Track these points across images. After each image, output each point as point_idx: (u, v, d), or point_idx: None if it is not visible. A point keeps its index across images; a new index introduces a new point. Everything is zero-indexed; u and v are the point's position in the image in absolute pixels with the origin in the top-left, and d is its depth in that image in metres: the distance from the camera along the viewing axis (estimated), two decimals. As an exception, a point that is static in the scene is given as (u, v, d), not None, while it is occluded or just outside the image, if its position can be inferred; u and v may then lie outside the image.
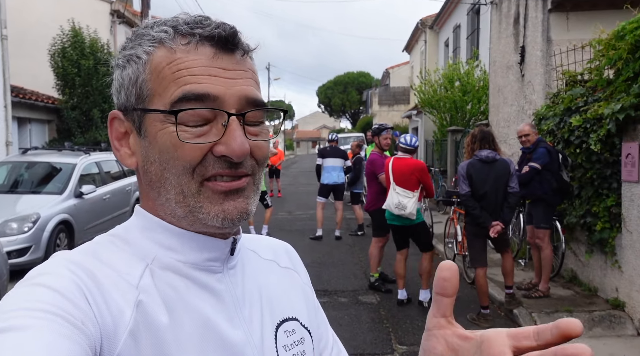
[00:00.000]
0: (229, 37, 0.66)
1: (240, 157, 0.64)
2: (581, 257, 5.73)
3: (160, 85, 0.65)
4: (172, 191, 0.66)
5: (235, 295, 0.71)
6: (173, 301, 0.64)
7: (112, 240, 0.68)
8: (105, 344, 0.57)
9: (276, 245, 0.88)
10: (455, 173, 11.34)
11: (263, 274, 0.79)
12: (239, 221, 0.67)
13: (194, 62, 0.65)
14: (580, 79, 6.08)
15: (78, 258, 0.63)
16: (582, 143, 5.39)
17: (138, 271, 0.64)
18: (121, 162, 0.72)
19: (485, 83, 12.11)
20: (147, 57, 0.66)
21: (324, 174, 8.97)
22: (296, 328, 0.77)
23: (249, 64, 0.70)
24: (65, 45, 12.32)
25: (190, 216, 0.66)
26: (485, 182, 4.82)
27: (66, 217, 6.84)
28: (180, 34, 0.66)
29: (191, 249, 0.68)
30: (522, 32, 7.71)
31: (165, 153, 0.65)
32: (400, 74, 31.89)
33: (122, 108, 0.69)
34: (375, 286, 6.02)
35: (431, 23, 21.33)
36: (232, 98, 0.65)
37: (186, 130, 0.64)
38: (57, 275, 0.58)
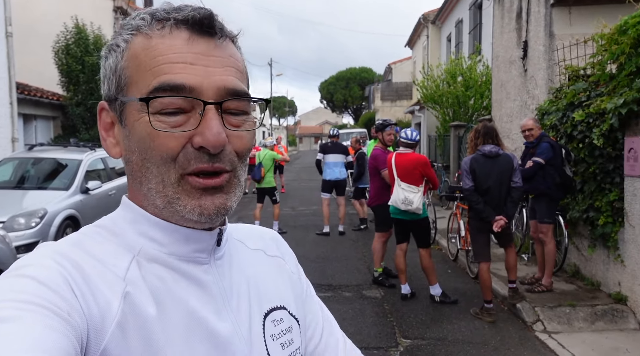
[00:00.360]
0: (204, 20, 0.65)
1: (216, 147, 0.63)
2: (584, 251, 5.76)
3: (137, 73, 0.64)
4: (153, 180, 0.65)
5: (223, 286, 0.71)
6: (160, 293, 0.64)
7: (99, 231, 0.68)
8: (92, 335, 0.56)
9: (263, 234, 0.88)
10: (458, 169, 11.37)
11: (250, 264, 0.79)
12: (217, 217, 0.66)
13: (170, 48, 0.64)
14: (583, 74, 6.09)
15: (64, 249, 0.62)
16: (585, 138, 5.41)
17: (125, 263, 0.64)
18: (107, 152, 0.71)
19: (487, 78, 12.09)
20: (125, 45, 0.66)
21: (326, 170, 9.02)
22: (284, 317, 0.77)
23: (230, 50, 0.68)
24: (69, 42, 12.37)
25: (169, 207, 0.65)
26: (488, 176, 4.84)
27: (73, 213, 6.90)
28: (156, 20, 0.66)
29: (177, 241, 0.68)
30: (525, 27, 7.71)
31: (143, 143, 0.64)
32: (402, 70, 31.82)
33: (106, 99, 0.69)
34: (379, 281, 6.06)
35: (433, 18, 21.27)
36: (209, 89, 0.63)
37: (162, 119, 0.63)
38: (43, 266, 0.58)
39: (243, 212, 11.71)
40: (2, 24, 9.71)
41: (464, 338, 4.52)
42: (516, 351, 4.27)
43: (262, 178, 8.77)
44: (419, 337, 4.56)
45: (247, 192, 15.90)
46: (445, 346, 4.36)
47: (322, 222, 9.32)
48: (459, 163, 11.60)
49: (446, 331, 4.68)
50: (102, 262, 0.62)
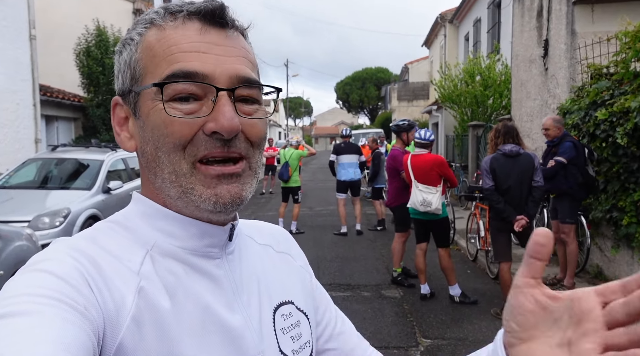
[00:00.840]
0: (215, 10, 0.66)
1: (229, 132, 0.63)
2: (607, 252, 5.67)
3: (152, 63, 0.66)
4: (166, 170, 0.65)
5: (234, 280, 0.72)
6: (174, 287, 0.65)
7: (112, 227, 0.69)
8: (108, 330, 0.57)
9: (272, 230, 0.89)
10: (477, 169, 11.27)
11: (260, 259, 0.80)
12: (232, 206, 0.66)
13: (183, 37, 0.65)
14: (606, 72, 6.00)
15: (80, 244, 0.63)
16: (608, 137, 5.33)
17: (139, 258, 0.65)
18: (122, 146, 0.72)
19: (506, 77, 11.98)
20: (139, 38, 0.68)
21: (340, 171, 9.01)
22: (292, 312, 0.78)
23: (241, 42, 0.70)
24: (90, 44, 12.59)
25: (184, 197, 0.66)
26: (509, 176, 4.80)
27: (95, 212, 7.02)
28: (169, 12, 0.67)
29: (190, 236, 0.68)
30: (546, 25, 7.62)
31: (157, 131, 0.65)
32: (419, 69, 31.66)
33: (120, 93, 0.70)
34: (398, 280, 6.05)
35: (451, 17, 21.12)
36: (222, 76, 0.64)
37: (175, 106, 0.64)
38: (60, 261, 0.59)
39: (260, 212, 11.78)
40: (26, 27, 9.92)
41: (485, 339, 4.49)
42: (538, 353, 4.22)
43: (289, 178, 8.86)
44: (440, 337, 4.54)
45: (263, 192, 15.98)
46: (466, 346, 4.34)
47: (339, 222, 9.34)
48: (478, 163, 11.51)
49: (467, 332, 4.66)
50: (116, 257, 0.63)
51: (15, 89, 9.57)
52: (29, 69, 10.00)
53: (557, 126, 5.36)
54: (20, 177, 7.82)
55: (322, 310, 0.88)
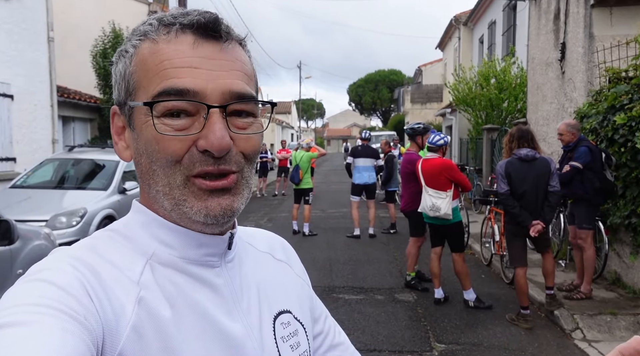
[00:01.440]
0: (208, 24, 0.65)
1: (220, 151, 0.63)
2: (625, 258, 5.59)
3: (145, 78, 0.65)
4: (160, 183, 0.66)
5: (234, 288, 0.72)
6: (174, 297, 0.65)
7: (112, 236, 0.69)
8: (108, 339, 0.57)
9: (271, 238, 0.90)
10: (491, 172, 11.18)
11: (259, 266, 0.80)
12: (223, 218, 0.66)
13: (175, 52, 0.64)
14: (625, 76, 5.92)
15: (79, 253, 0.63)
16: (627, 142, 5.26)
17: (139, 267, 0.65)
18: (119, 155, 0.72)
19: (522, 80, 11.88)
20: (134, 51, 0.67)
21: (355, 174, 8.99)
22: (290, 321, 0.78)
23: (237, 54, 0.69)
24: (106, 46, 12.74)
25: (177, 209, 0.66)
26: (524, 180, 4.76)
27: (111, 212, 7.09)
28: (163, 25, 0.66)
29: (189, 246, 0.69)
30: (563, 28, 7.55)
31: (149, 146, 0.65)
32: (432, 72, 31.53)
33: (117, 104, 0.71)
34: (411, 284, 6.02)
35: (465, 20, 21.01)
36: (214, 93, 0.64)
37: (167, 123, 0.64)
38: (59, 271, 0.59)
39: (273, 214, 11.80)
40: (44, 29, 10.07)
41: (500, 344, 4.45)
42: (555, 359, 4.18)
43: (300, 181, 8.89)
44: (454, 342, 4.51)
45: (276, 193, 16.02)
46: (481, 351, 4.30)
47: (352, 224, 9.32)
48: (492, 167, 11.42)
49: (481, 337, 4.62)
50: (116, 267, 0.63)
51: (34, 90, 9.72)
52: (47, 70, 10.14)
53: (571, 131, 5.29)
54: (38, 177, 7.93)
55: (322, 320, 0.89)
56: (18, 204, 6.74)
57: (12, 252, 3.98)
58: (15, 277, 3.92)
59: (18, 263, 4.03)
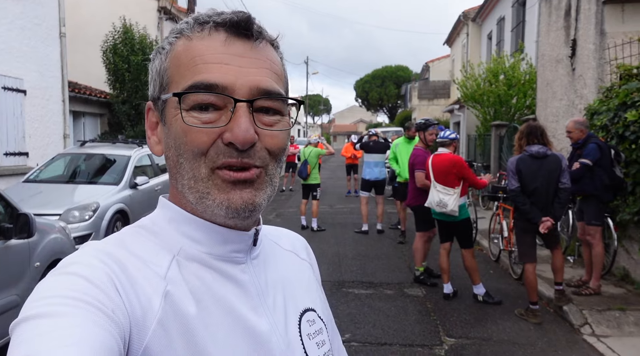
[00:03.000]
0: (240, 22, 0.67)
1: (244, 144, 0.64)
2: (634, 254, 5.60)
3: (178, 73, 0.67)
4: (186, 176, 0.67)
5: (259, 285, 0.73)
6: (200, 292, 0.66)
7: (139, 232, 0.70)
8: (135, 333, 0.58)
9: (294, 238, 0.91)
10: (499, 169, 11.17)
11: (284, 264, 0.81)
12: (244, 212, 0.67)
13: (207, 48, 0.66)
14: (636, 73, 5.92)
15: (108, 248, 0.65)
16: (638, 139, 5.27)
17: (165, 262, 0.66)
18: (151, 150, 0.74)
19: (531, 76, 11.83)
20: (170, 47, 0.70)
21: (365, 169, 9.03)
22: (315, 319, 0.79)
23: (267, 53, 0.70)
24: (116, 42, 12.82)
25: (201, 202, 0.67)
26: (535, 177, 4.78)
27: (122, 207, 7.17)
28: (198, 23, 0.69)
29: (215, 241, 0.70)
30: (574, 25, 7.53)
31: (178, 139, 0.66)
32: (440, 68, 31.42)
33: (151, 99, 0.73)
34: (420, 279, 6.06)
35: (474, 16, 20.91)
36: (242, 88, 0.65)
37: (195, 115, 0.65)
38: (89, 265, 0.60)
39: (281, 209, 11.87)
40: (57, 25, 10.14)
41: (510, 339, 4.49)
42: (564, 354, 4.21)
43: (308, 176, 8.95)
44: (464, 336, 4.56)
45: (284, 189, 16.07)
46: (491, 346, 4.35)
47: (359, 220, 9.36)
48: (500, 163, 11.41)
49: (491, 331, 4.66)
50: (143, 261, 0.65)
51: (46, 85, 9.81)
52: (59, 65, 10.22)
53: (580, 128, 5.31)
54: (50, 171, 8.02)
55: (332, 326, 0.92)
56: (31, 198, 6.83)
57: (30, 245, 4.05)
58: (33, 270, 4.00)
59: (36, 256, 4.10)
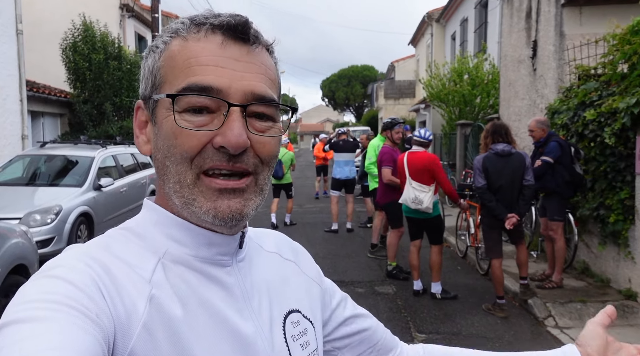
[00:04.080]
0: (237, 26, 0.66)
1: (236, 148, 0.63)
2: (594, 248, 5.83)
3: (172, 73, 0.66)
4: (172, 180, 0.66)
5: (245, 287, 0.72)
6: (186, 295, 0.65)
7: (125, 234, 0.69)
8: (119, 338, 0.57)
9: (278, 238, 0.90)
10: (465, 167, 11.42)
11: (268, 266, 0.81)
12: (231, 221, 0.66)
13: (203, 50, 0.65)
14: (594, 73, 6.15)
15: (93, 251, 0.64)
16: (597, 137, 5.48)
17: (151, 266, 0.65)
18: (138, 149, 0.73)
19: (494, 76, 12.15)
20: (164, 46, 0.69)
21: (336, 168, 9.08)
22: (300, 320, 0.79)
23: (262, 58, 0.69)
24: (76, 40, 12.43)
25: (186, 208, 0.66)
26: (500, 175, 4.91)
27: (86, 209, 6.97)
28: (194, 24, 0.68)
29: (201, 244, 0.69)
30: (535, 27, 7.76)
31: (167, 141, 0.65)
32: (405, 68, 31.84)
33: (142, 98, 0.72)
34: (393, 274, 6.16)
35: (438, 16, 21.31)
36: (236, 92, 0.65)
37: (187, 118, 0.64)
38: (73, 268, 0.59)
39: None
40: (13, 22, 9.76)
41: (478, 333, 4.60)
42: (530, 346, 4.34)
43: (283, 175, 8.99)
44: (434, 332, 4.64)
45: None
46: (460, 340, 4.44)
47: (329, 219, 9.41)
48: (465, 162, 11.66)
49: (460, 326, 4.76)
50: (128, 265, 0.64)
51: (2, 84, 9.42)
52: (16, 64, 9.84)
53: (541, 127, 5.48)
54: (8, 173, 7.72)
55: (343, 306, 0.95)
56: (-11, 202, 6.56)
57: (-11, 250, 3.89)
58: (-7, 276, 3.84)
59: (-5, 261, 3.94)
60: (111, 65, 12.45)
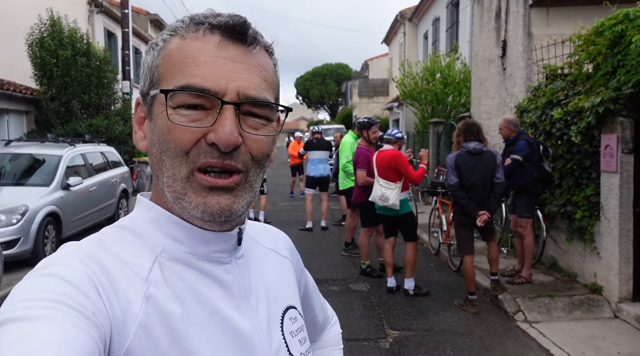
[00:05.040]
0: (236, 26, 0.67)
1: (226, 145, 0.64)
2: (561, 244, 5.98)
3: (169, 72, 0.67)
4: (166, 173, 0.67)
5: (243, 285, 0.73)
6: (183, 293, 0.65)
7: (120, 232, 0.69)
8: (116, 336, 0.57)
9: (276, 235, 0.91)
10: (437, 165, 11.56)
11: (265, 262, 0.81)
12: (220, 217, 0.66)
13: (201, 50, 0.66)
14: (561, 73, 6.31)
15: (89, 249, 0.64)
16: (563, 135, 5.62)
17: (147, 264, 0.65)
18: (136, 145, 0.74)
19: (465, 75, 12.33)
20: (163, 44, 0.69)
21: (310, 166, 9.09)
22: (297, 316, 0.80)
23: (260, 59, 0.70)
24: (43, 35, 12.06)
25: (177, 202, 0.66)
26: (472, 173, 4.99)
27: (54, 209, 6.78)
28: (194, 23, 0.68)
29: (198, 242, 0.69)
30: (504, 27, 7.91)
31: (162, 136, 0.66)
32: (379, 66, 32.05)
33: (141, 94, 0.73)
34: (367, 272, 6.20)
35: (410, 15, 21.50)
36: (231, 91, 0.65)
37: (181, 113, 0.65)
38: (69, 266, 0.59)
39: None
40: (-25, 16, 9.41)
41: (450, 329, 4.67)
42: (500, 340, 4.44)
43: None
44: (407, 328, 4.69)
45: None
46: (432, 336, 4.50)
47: (303, 217, 9.40)
48: (438, 160, 11.81)
49: (432, 322, 4.82)
50: (125, 263, 0.64)
51: (-37, 80, 9.08)
52: (-22, 59, 9.49)
53: (509, 126, 5.59)
54: (-29, 173, 7.45)
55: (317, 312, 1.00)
56: (-50, 202, 6.32)
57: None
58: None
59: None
60: (79, 61, 12.13)
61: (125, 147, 12.94)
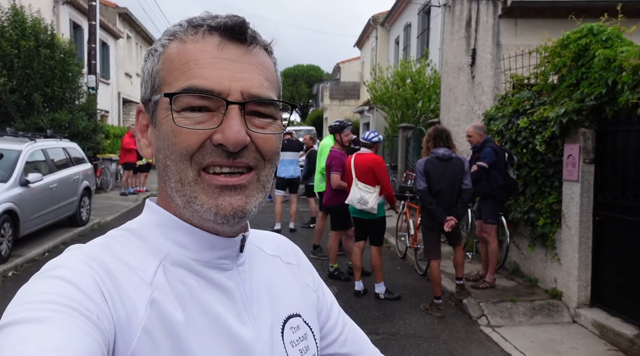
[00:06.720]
0: (235, 26, 0.67)
1: (235, 145, 0.64)
2: (524, 250, 6.13)
3: (171, 76, 0.67)
4: (173, 179, 0.66)
5: (244, 292, 0.72)
6: (186, 298, 0.65)
7: (126, 235, 0.69)
8: (120, 340, 0.57)
9: (279, 241, 0.90)
10: (406, 169, 11.70)
11: (268, 270, 0.81)
12: (233, 218, 0.66)
13: (201, 52, 0.66)
14: (527, 83, 6.47)
15: (94, 252, 0.64)
16: (528, 144, 5.76)
17: (152, 268, 0.65)
18: (141, 153, 0.73)
19: (435, 82, 12.52)
20: (162, 49, 0.69)
21: (281, 167, 9.02)
22: (300, 324, 0.79)
23: (260, 59, 0.70)
24: (4, 24, 11.60)
25: (188, 206, 0.66)
26: (441, 178, 5.05)
27: (11, 206, 6.51)
28: (192, 26, 0.68)
29: (202, 247, 0.69)
30: (474, 35, 8.06)
31: (167, 140, 0.66)
32: (351, 69, 32.21)
33: (143, 101, 0.72)
34: (334, 275, 6.20)
35: (382, 20, 21.70)
36: (235, 92, 0.65)
37: (186, 116, 0.64)
38: (75, 269, 0.59)
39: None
40: None
41: (415, 333, 4.71)
42: (464, 345, 4.50)
43: None
44: (373, 332, 4.70)
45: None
46: (398, 340, 4.53)
47: (272, 219, 9.32)
48: (407, 164, 11.95)
49: (398, 326, 4.85)
50: (130, 267, 0.64)
51: None
52: None
53: (478, 133, 5.69)
54: None
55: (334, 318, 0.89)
56: None
57: None
58: None
59: None
60: (42, 53, 11.71)
61: (89, 143, 12.57)
